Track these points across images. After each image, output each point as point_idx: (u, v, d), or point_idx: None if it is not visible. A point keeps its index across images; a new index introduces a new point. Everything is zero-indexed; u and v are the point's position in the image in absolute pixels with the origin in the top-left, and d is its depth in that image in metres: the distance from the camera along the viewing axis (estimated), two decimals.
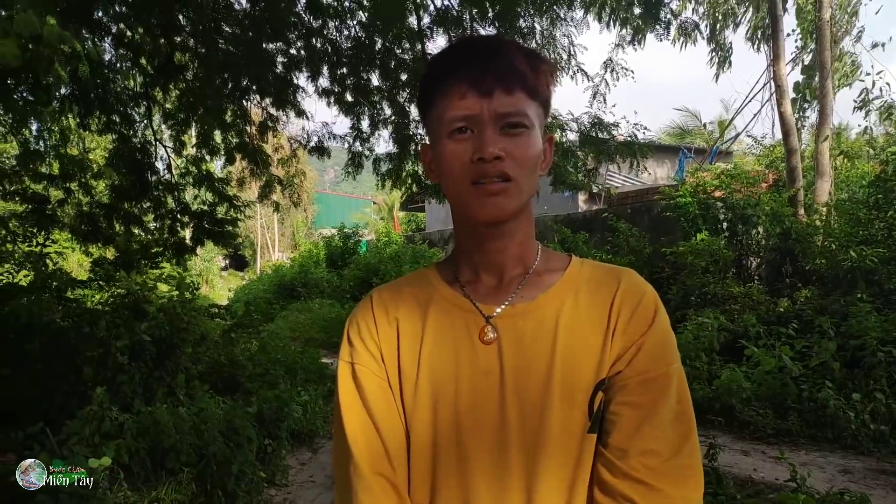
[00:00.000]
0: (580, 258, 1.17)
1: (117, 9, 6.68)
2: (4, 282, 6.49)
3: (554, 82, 1.08)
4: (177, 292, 6.95)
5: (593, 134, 7.60)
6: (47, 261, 6.54)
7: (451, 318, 1.11)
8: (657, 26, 7.47)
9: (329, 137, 8.76)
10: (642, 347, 1.03)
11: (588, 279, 1.11)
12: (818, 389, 6.59)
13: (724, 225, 10.49)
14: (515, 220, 1.07)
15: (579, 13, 7.64)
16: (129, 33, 7.44)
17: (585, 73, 7.80)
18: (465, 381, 1.05)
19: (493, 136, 0.99)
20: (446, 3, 7.03)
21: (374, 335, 1.12)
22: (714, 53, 14.22)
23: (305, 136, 8.93)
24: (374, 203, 37.19)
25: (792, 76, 12.63)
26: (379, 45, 7.43)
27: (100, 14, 6.74)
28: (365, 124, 8.33)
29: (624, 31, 7.84)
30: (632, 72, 8.18)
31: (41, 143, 8.13)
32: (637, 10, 7.42)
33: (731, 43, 14.37)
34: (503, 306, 1.09)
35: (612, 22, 7.60)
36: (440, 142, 1.04)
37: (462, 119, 1.00)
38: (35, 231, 6.63)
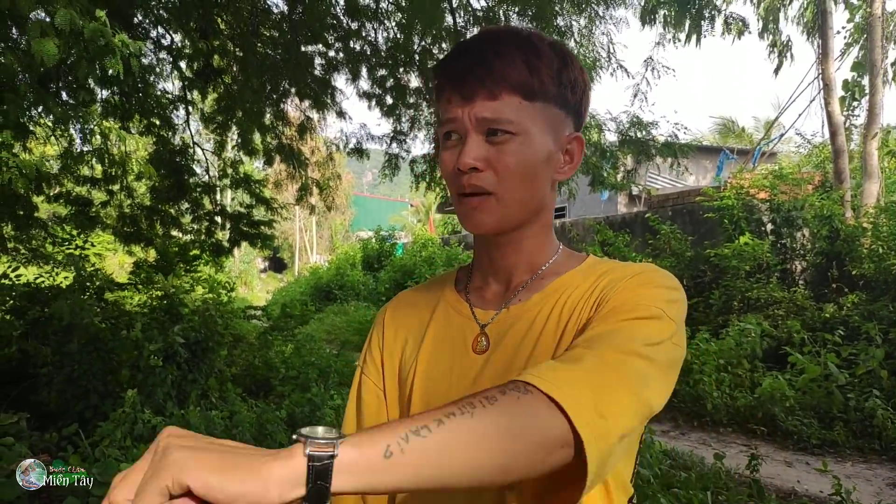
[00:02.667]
0: (599, 257, 1.06)
1: (157, 13, 6.76)
2: (47, 283, 6.60)
3: (568, 78, 0.97)
4: (211, 295, 6.98)
5: (632, 134, 7.49)
6: (86, 263, 6.63)
7: (450, 326, 1.07)
8: (701, 22, 7.30)
9: (367, 139, 8.77)
10: (614, 290, 0.91)
11: (589, 271, 1.01)
12: (865, 398, 6.39)
13: (769, 227, 10.26)
14: (519, 230, 1.00)
15: (619, 11, 7.53)
16: (168, 37, 7.53)
17: (626, 69, 7.69)
18: (455, 393, 0.97)
19: (474, 144, 0.92)
20: (483, 3, 6.98)
21: (380, 343, 1.14)
22: (771, 49, 13.84)
23: (344, 138, 8.96)
24: (412, 206, 37.31)
25: (841, 73, 12.26)
26: (417, 46, 7.40)
27: (139, 17, 6.82)
28: (405, 126, 8.32)
29: (665, 28, 7.70)
30: (673, 70, 8.02)
31: (83, 145, 8.25)
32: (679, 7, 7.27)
33: (788, 37, 13.96)
34: (499, 312, 1.03)
35: (654, 19, 7.47)
36: (439, 148, 1.00)
37: (448, 125, 0.96)
38: (74, 234, 6.73)
